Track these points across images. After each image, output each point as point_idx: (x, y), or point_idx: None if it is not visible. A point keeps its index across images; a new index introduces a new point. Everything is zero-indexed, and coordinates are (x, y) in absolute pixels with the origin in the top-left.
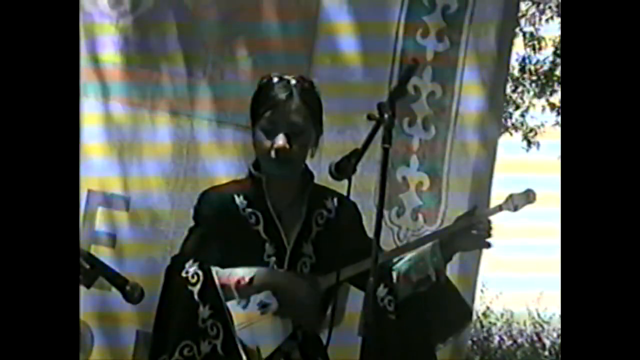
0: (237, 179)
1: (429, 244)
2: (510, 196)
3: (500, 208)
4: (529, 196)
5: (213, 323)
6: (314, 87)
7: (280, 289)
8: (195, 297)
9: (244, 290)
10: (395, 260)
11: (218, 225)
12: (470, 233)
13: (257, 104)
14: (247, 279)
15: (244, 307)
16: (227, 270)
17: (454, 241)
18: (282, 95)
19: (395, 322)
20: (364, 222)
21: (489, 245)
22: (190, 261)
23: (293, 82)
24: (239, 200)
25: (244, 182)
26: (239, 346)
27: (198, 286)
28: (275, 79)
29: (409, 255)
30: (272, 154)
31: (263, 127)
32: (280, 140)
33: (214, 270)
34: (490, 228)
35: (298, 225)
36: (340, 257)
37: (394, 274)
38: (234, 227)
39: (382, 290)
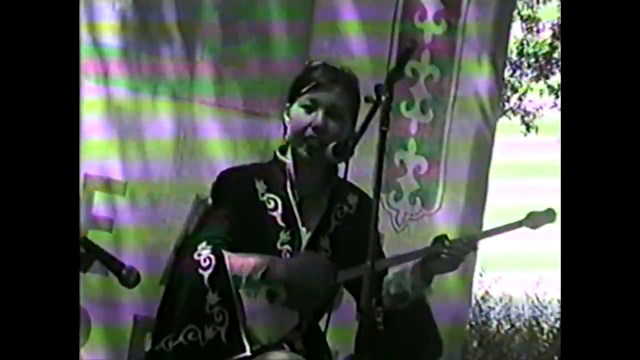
0: (260, 162)
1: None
2: (532, 213)
3: (520, 224)
4: (549, 216)
5: (220, 310)
6: (358, 83)
7: (292, 281)
8: (205, 282)
9: (256, 282)
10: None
11: (234, 207)
12: (443, 257)
13: (299, 84)
14: (259, 273)
15: (254, 296)
16: (240, 259)
17: (429, 263)
18: (328, 77)
19: (383, 333)
20: None
21: (455, 268)
22: (203, 244)
23: (340, 69)
24: (259, 184)
25: (267, 166)
26: (243, 335)
27: (209, 271)
28: (322, 65)
29: (397, 269)
30: (309, 130)
31: (303, 104)
32: (320, 117)
33: (227, 256)
34: (465, 253)
35: (317, 217)
36: (356, 254)
37: (384, 285)
38: (250, 211)
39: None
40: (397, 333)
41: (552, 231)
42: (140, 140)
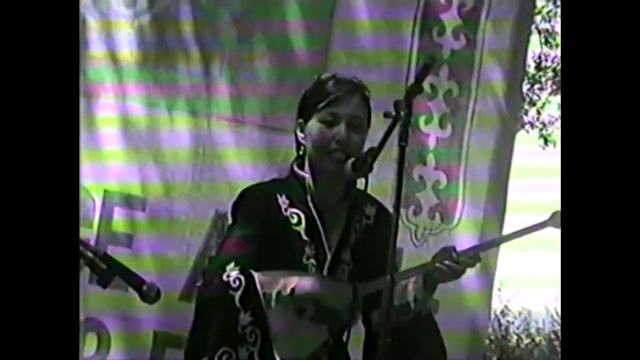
0: (279, 178)
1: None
2: (556, 213)
3: (545, 225)
4: None
5: (252, 330)
6: (369, 92)
7: (320, 297)
8: (237, 302)
9: (285, 300)
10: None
11: (258, 224)
12: (453, 267)
13: (313, 99)
14: (288, 289)
15: (283, 312)
16: (268, 277)
17: (433, 273)
18: (344, 90)
19: (389, 347)
20: None
21: (458, 278)
22: (232, 264)
23: (354, 81)
24: (281, 199)
25: (287, 182)
26: (276, 355)
27: (240, 291)
28: (333, 77)
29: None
30: (333, 144)
31: (323, 119)
32: (342, 130)
33: (256, 275)
34: (472, 265)
35: (339, 230)
36: (375, 266)
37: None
38: (274, 227)
39: (375, 314)
40: (404, 347)
41: None
42: (158, 156)
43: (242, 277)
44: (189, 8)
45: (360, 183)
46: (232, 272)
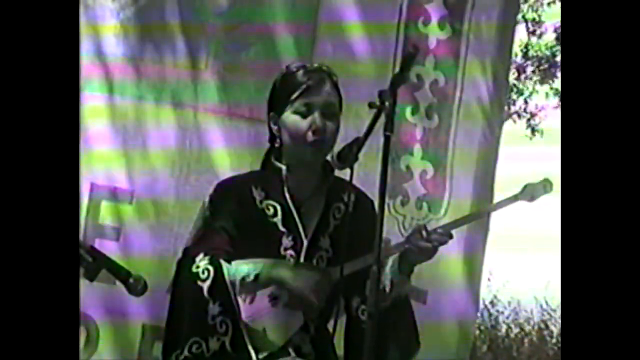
0: (255, 170)
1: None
2: (527, 186)
3: (516, 198)
4: (545, 186)
5: (222, 320)
6: (337, 78)
7: (287, 282)
8: (205, 293)
9: (250, 287)
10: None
11: (233, 216)
12: (422, 247)
13: (284, 91)
14: (252, 277)
15: (249, 301)
16: (233, 266)
17: (407, 255)
18: (316, 79)
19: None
20: None
21: (432, 257)
22: (201, 255)
23: (322, 68)
24: (256, 191)
25: (263, 173)
26: (247, 343)
27: (208, 282)
28: (302, 67)
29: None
30: (310, 135)
31: (297, 110)
32: (317, 119)
33: (225, 265)
34: (444, 242)
35: (316, 218)
36: (356, 252)
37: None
38: (250, 219)
39: (355, 300)
40: (382, 333)
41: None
42: (145, 149)
43: (210, 268)
44: (174, 0)
45: (347, 174)
46: (200, 263)
